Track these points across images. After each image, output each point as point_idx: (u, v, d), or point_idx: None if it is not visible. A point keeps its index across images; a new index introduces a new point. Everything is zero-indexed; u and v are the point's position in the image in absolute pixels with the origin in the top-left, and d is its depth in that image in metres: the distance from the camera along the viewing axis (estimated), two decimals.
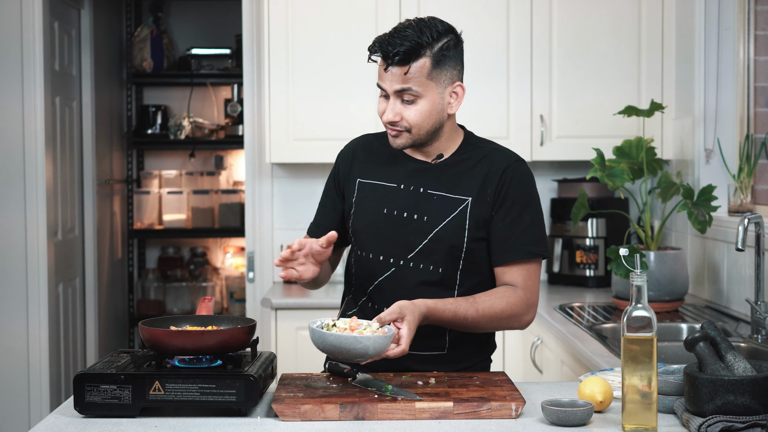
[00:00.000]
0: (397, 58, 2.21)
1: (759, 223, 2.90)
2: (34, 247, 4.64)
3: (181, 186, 6.29)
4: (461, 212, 2.30)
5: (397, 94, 2.25)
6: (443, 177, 2.33)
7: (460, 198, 2.31)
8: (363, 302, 2.37)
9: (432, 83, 2.24)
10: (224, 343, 2.04)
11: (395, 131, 2.29)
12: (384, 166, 2.38)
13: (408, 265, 2.31)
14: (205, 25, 6.42)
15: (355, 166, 2.42)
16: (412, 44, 2.21)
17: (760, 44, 3.61)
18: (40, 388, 4.67)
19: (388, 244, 2.32)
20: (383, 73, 2.26)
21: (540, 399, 2.08)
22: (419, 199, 2.32)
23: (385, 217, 2.33)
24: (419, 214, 2.31)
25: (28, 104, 4.61)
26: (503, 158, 2.34)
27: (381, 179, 2.37)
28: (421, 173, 2.34)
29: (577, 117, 4.17)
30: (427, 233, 2.30)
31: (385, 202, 2.34)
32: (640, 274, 1.88)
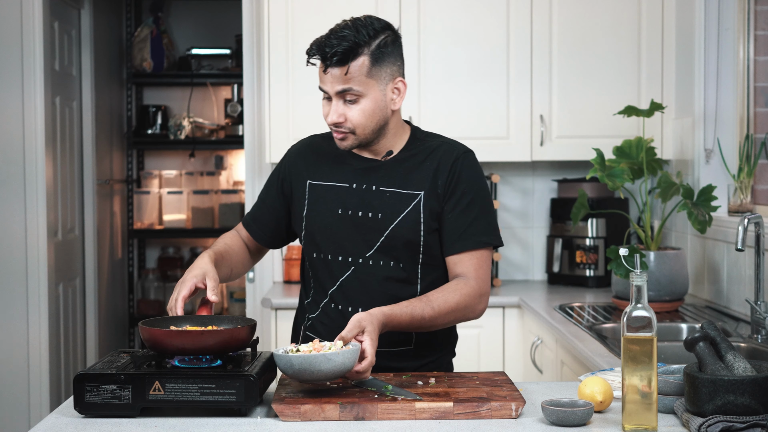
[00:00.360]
0: (336, 58, 2.21)
1: (759, 223, 2.90)
2: (34, 247, 4.64)
3: (181, 186, 6.29)
4: (415, 207, 2.32)
5: (339, 95, 2.25)
6: (394, 173, 2.34)
7: (413, 193, 2.33)
8: (325, 304, 2.37)
9: (373, 81, 2.25)
10: (224, 343, 2.04)
11: (341, 133, 2.29)
12: (333, 167, 2.38)
13: (368, 262, 2.32)
14: (205, 25, 6.42)
15: (304, 168, 2.41)
16: (349, 44, 2.22)
17: (760, 44, 3.61)
18: (40, 388, 4.67)
19: (346, 243, 2.33)
20: (323, 75, 2.25)
21: (540, 399, 2.08)
22: (372, 196, 2.33)
23: (340, 217, 2.34)
24: (373, 212, 2.32)
25: (28, 104, 4.61)
26: (452, 150, 2.36)
27: (332, 180, 2.37)
28: (372, 171, 2.35)
29: (577, 117, 4.17)
30: (384, 230, 2.31)
31: (338, 202, 2.34)
32: (640, 274, 1.88)
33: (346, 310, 2.33)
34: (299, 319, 2.47)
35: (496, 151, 4.18)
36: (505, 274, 4.52)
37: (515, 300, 3.92)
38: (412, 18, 4.14)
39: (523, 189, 4.54)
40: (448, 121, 4.15)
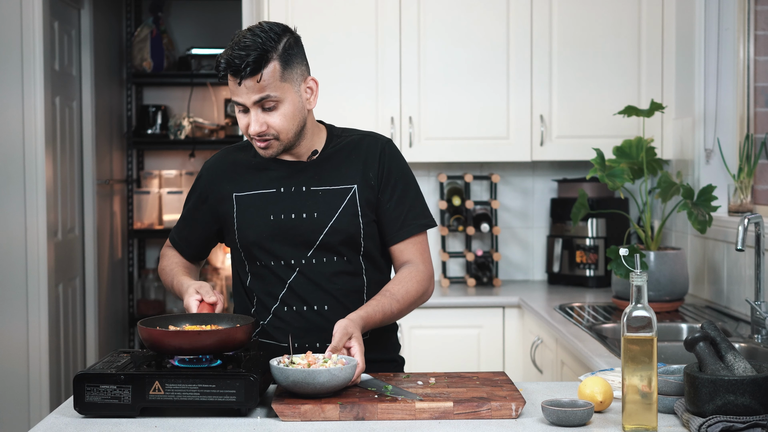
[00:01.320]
0: (248, 69, 2.20)
1: (759, 223, 2.90)
2: (34, 247, 4.64)
3: (181, 186, 6.30)
4: (350, 200, 2.34)
5: (256, 104, 2.25)
6: (322, 171, 2.36)
7: (346, 187, 2.35)
8: (276, 308, 2.37)
9: (287, 85, 2.26)
10: (221, 343, 2.04)
11: (264, 142, 2.28)
12: (257, 175, 2.38)
13: (311, 261, 2.34)
14: (205, 25, 6.42)
15: (225, 182, 2.40)
16: (258, 52, 2.21)
17: (760, 44, 3.61)
18: (40, 388, 4.67)
19: (285, 248, 2.33)
20: (237, 88, 2.23)
21: (540, 399, 2.09)
22: (304, 197, 2.34)
23: (274, 223, 2.34)
24: (308, 212, 2.33)
25: (28, 104, 4.61)
26: (376, 142, 2.41)
27: (258, 188, 2.37)
28: (299, 173, 2.36)
29: (577, 117, 4.17)
30: (322, 228, 2.33)
31: (269, 209, 2.34)
32: (640, 274, 1.88)
33: (302, 309, 2.34)
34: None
35: (496, 151, 4.18)
36: (505, 274, 4.52)
37: (515, 300, 3.92)
38: (412, 18, 4.14)
39: (523, 189, 4.54)
40: (448, 121, 4.16)
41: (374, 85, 4.15)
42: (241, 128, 2.30)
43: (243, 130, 2.30)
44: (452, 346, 3.89)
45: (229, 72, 2.22)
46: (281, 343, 2.34)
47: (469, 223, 4.33)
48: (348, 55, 4.17)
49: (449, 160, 4.23)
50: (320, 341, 2.33)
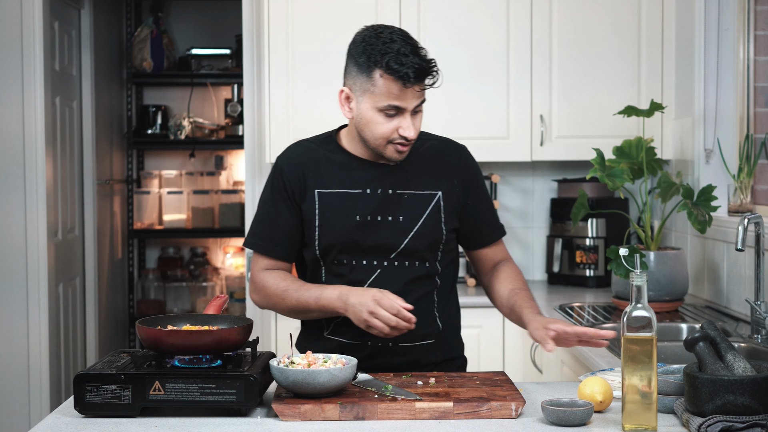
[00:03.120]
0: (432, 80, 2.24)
1: (759, 223, 2.90)
2: (34, 247, 4.64)
3: (181, 186, 6.30)
4: (435, 206, 2.36)
5: (414, 109, 2.26)
6: (407, 175, 2.36)
7: (431, 193, 2.37)
8: None
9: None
10: (218, 343, 2.05)
11: (407, 146, 2.29)
12: (340, 173, 2.36)
13: (393, 264, 2.34)
14: (205, 25, 6.42)
15: (308, 175, 2.37)
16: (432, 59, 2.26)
17: (760, 44, 3.61)
18: (40, 388, 4.67)
19: (369, 248, 2.33)
20: (404, 92, 2.22)
21: (540, 399, 2.09)
22: (390, 200, 2.34)
23: (360, 223, 2.33)
24: (394, 216, 2.34)
25: (28, 104, 4.61)
26: (457, 148, 2.45)
27: (342, 187, 2.35)
28: (385, 176, 2.36)
29: (577, 117, 4.17)
30: (407, 232, 2.33)
31: (354, 209, 2.33)
32: (640, 274, 1.89)
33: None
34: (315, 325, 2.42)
35: (496, 151, 4.18)
36: None
37: None
38: (412, 18, 4.14)
39: (523, 189, 4.54)
40: (448, 121, 4.15)
41: None
42: (380, 133, 2.26)
43: (384, 135, 2.25)
44: None
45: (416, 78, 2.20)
46: (352, 341, 2.34)
47: None
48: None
49: None
50: (392, 340, 2.33)
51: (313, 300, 2.29)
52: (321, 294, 2.29)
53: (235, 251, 6.40)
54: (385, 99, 2.23)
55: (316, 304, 2.29)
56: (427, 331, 2.37)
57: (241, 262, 6.33)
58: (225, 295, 2.36)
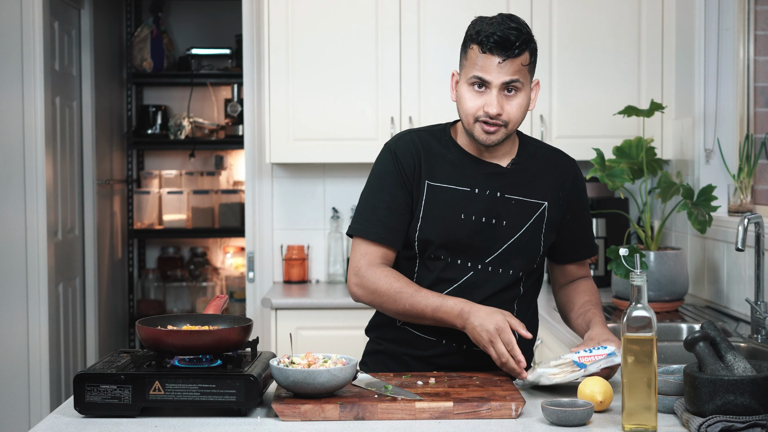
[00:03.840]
0: (518, 50, 2.19)
1: (759, 223, 2.90)
2: (34, 247, 4.64)
3: (181, 186, 6.29)
4: (539, 216, 2.32)
5: (503, 86, 2.22)
6: (518, 181, 2.32)
7: (538, 202, 2.33)
8: None
9: (528, 76, 2.26)
10: (217, 343, 2.05)
11: (495, 126, 2.24)
12: (452, 169, 2.32)
13: (486, 269, 2.31)
14: (205, 25, 6.42)
15: (420, 167, 2.31)
16: (527, 36, 2.21)
17: (760, 44, 3.61)
18: (40, 388, 4.67)
19: (468, 248, 2.30)
20: (489, 64, 2.20)
21: (540, 399, 2.09)
22: (498, 203, 2.30)
23: (464, 222, 2.29)
24: (498, 219, 2.30)
25: (28, 104, 4.61)
26: (568, 162, 2.41)
27: (451, 182, 2.31)
28: (497, 177, 2.32)
29: (577, 117, 4.17)
30: (507, 238, 2.30)
31: (461, 206, 2.29)
32: (640, 274, 1.88)
33: None
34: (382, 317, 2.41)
35: None
36: None
37: None
38: (412, 18, 4.14)
39: None
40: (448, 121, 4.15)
41: (374, 85, 4.15)
42: (468, 108, 2.23)
43: (471, 111, 2.23)
44: None
45: (494, 46, 2.18)
46: (427, 336, 2.33)
47: None
48: (348, 55, 4.17)
49: None
50: (467, 344, 2.31)
51: (430, 309, 2.23)
52: (441, 306, 2.23)
53: (234, 251, 6.40)
54: (471, 70, 2.23)
55: (433, 314, 2.23)
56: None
57: (240, 262, 6.33)
58: (225, 295, 2.36)
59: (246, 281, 4.58)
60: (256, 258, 4.55)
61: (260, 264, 4.54)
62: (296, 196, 4.52)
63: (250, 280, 4.55)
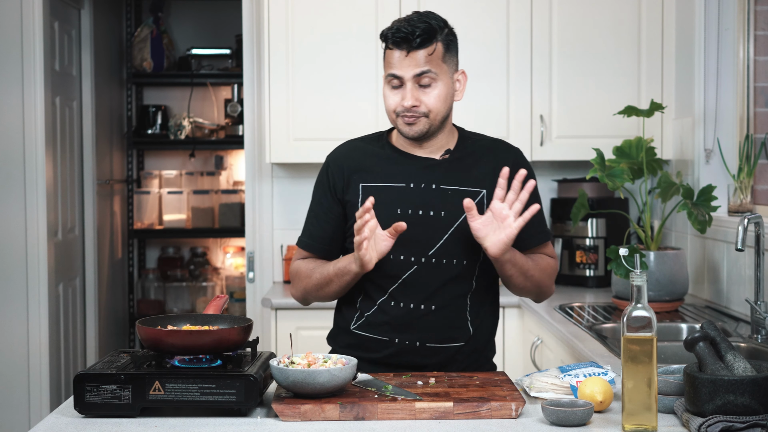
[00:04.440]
0: (419, 39, 2.24)
1: (759, 223, 2.90)
2: (34, 247, 4.64)
3: (181, 186, 6.30)
4: (478, 204, 2.33)
5: (415, 78, 2.27)
6: (453, 172, 2.36)
7: (475, 190, 2.35)
8: (383, 301, 2.36)
9: (445, 66, 2.30)
10: (217, 343, 2.05)
11: (413, 118, 2.29)
12: (386, 168, 2.37)
13: (430, 261, 2.33)
14: (205, 25, 6.42)
15: (353, 171, 2.39)
16: (429, 26, 2.26)
17: (760, 44, 3.61)
18: (40, 388, 4.67)
19: (408, 243, 2.31)
20: (399, 60, 2.27)
21: (540, 399, 2.09)
22: (433, 195, 2.33)
23: (401, 216, 2.32)
24: (435, 211, 2.33)
25: (28, 104, 4.61)
26: (509, 149, 2.43)
27: (386, 181, 2.36)
28: (430, 170, 2.36)
29: (577, 117, 4.17)
30: (447, 228, 2.32)
31: (397, 202, 2.33)
32: (640, 274, 1.89)
33: (409, 306, 2.34)
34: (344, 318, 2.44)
35: None
36: None
37: (515, 300, 3.92)
38: None
39: None
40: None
41: (374, 85, 4.15)
42: (388, 105, 2.31)
43: (391, 107, 2.30)
44: None
45: (397, 41, 2.25)
46: (380, 337, 2.35)
47: None
48: (348, 55, 4.17)
49: None
50: (420, 340, 2.34)
51: (332, 267, 2.34)
52: (339, 259, 2.34)
53: (234, 251, 6.40)
54: (386, 69, 2.31)
55: (335, 268, 2.33)
56: (457, 334, 2.36)
57: (240, 262, 6.33)
58: (225, 295, 2.36)
59: (246, 281, 4.58)
60: (256, 258, 4.55)
61: (260, 264, 4.54)
62: (296, 196, 4.52)
63: (250, 280, 4.55)
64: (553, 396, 2.08)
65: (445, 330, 2.32)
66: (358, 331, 2.39)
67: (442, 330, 2.32)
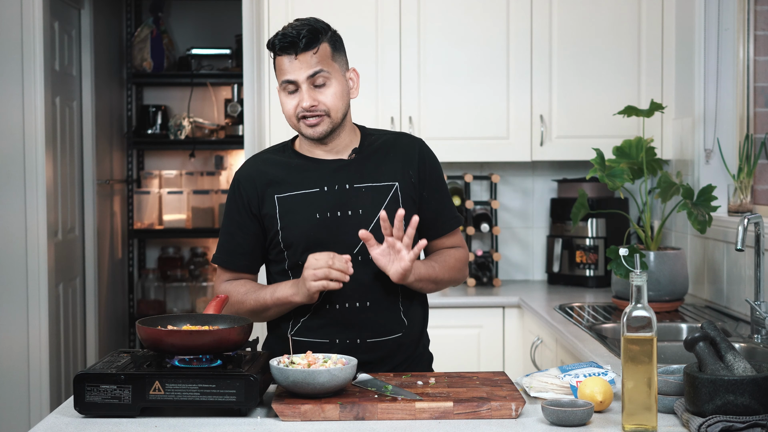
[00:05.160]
0: (305, 41, 2.29)
1: (759, 223, 2.90)
2: (34, 247, 4.64)
3: (181, 186, 6.30)
4: (393, 197, 2.38)
5: (309, 80, 2.31)
6: (363, 169, 2.40)
7: (388, 184, 2.39)
8: (317, 305, 2.37)
9: (336, 65, 2.36)
10: (217, 343, 2.05)
11: (315, 118, 2.33)
12: (297, 176, 2.39)
13: (357, 259, 2.35)
14: (205, 25, 6.42)
15: (265, 184, 2.40)
16: (312, 28, 2.32)
17: (760, 44, 3.61)
18: (40, 388, 4.67)
19: (330, 246, 2.33)
20: (289, 65, 2.31)
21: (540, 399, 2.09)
22: (348, 195, 2.36)
23: (320, 221, 2.35)
24: (353, 210, 2.36)
25: (28, 104, 4.61)
26: (412, 141, 2.48)
27: (299, 188, 2.38)
28: (340, 171, 2.39)
29: (577, 117, 4.17)
30: (367, 225, 2.35)
31: (314, 207, 2.35)
32: (640, 274, 1.89)
33: (344, 306, 2.35)
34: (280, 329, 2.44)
35: (496, 151, 4.18)
36: (505, 274, 4.52)
37: (515, 300, 3.92)
38: (412, 18, 4.14)
39: (523, 189, 4.54)
40: (448, 121, 4.16)
41: (374, 84, 4.15)
42: (288, 111, 2.34)
43: (290, 112, 2.33)
44: (452, 346, 3.89)
45: (284, 46, 2.30)
46: (321, 340, 2.36)
47: (469, 223, 4.33)
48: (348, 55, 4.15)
49: (449, 160, 4.23)
50: (360, 337, 2.36)
51: (269, 295, 2.35)
52: (276, 288, 2.35)
53: None
54: (279, 76, 2.34)
55: (272, 297, 2.35)
56: (393, 327, 2.39)
57: None
58: (225, 295, 2.36)
59: None
60: None
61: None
62: None
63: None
64: (553, 396, 2.08)
65: (381, 324, 2.36)
66: (297, 338, 2.38)
67: (379, 324, 2.36)
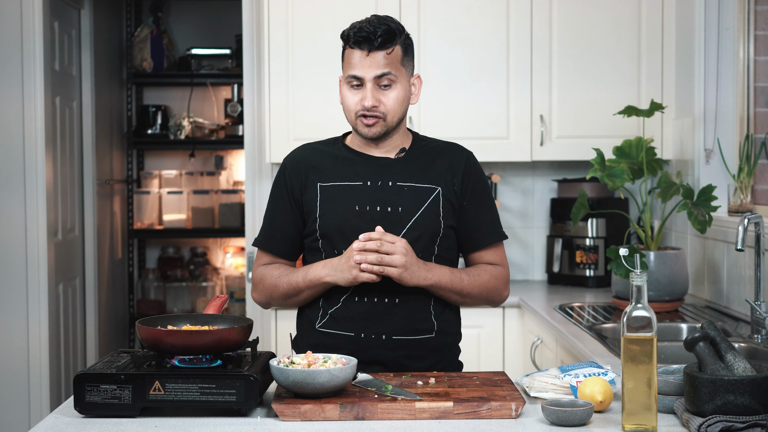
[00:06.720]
0: (380, 39, 2.29)
1: (759, 223, 2.90)
2: (34, 247, 4.64)
3: (181, 186, 6.30)
4: (434, 200, 2.38)
5: (375, 80, 2.32)
6: (408, 169, 2.41)
7: (431, 187, 2.39)
8: (347, 298, 2.38)
9: (403, 69, 2.36)
10: (217, 343, 2.05)
11: (373, 119, 2.34)
12: (343, 168, 2.41)
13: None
14: (205, 25, 6.42)
15: (310, 172, 2.43)
16: (390, 27, 2.31)
17: (760, 44, 3.61)
18: (40, 388, 4.67)
19: None
20: (359, 60, 2.31)
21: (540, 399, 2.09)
22: (389, 192, 2.37)
23: (358, 213, 2.36)
24: (393, 207, 2.37)
25: (28, 104, 4.61)
26: (461, 152, 2.48)
27: (343, 180, 2.40)
28: (386, 168, 2.40)
29: (577, 117, 4.17)
30: (405, 223, 2.36)
31: (354, 200, 2.37)
32: (640, 274, 1.89)
33: (373, 300, 2.36)
34: (308, 319, 2.45)
35: (496, 151, 4.18)
36: None
37: (515, 300, 3.92)
38: (412, 18, 4.14)
39: (523, 189, 4.54)
40: (448, 121, 4.16)
41: None
42: (348, 105, 2.36)
43: (350, 108, 2.35)
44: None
45: (359, 40, 2.30)
46: (347, 333, 2.36)
47: None
48: None
49: None
50: (386, 333, 2.35)
51: (301, 278, 2.37)
52: (308, 270, 2.36)
53: (235, 251, 6.40)
54: (346, 70, 2.35)
55: (304, 279, 2.36)
56: (422, 326, 2.38)
57: (241, 262, 6.33)
58: (225, 295, 2.37)
59: (246, 281, 4.58)
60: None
61: None
62: None
63: (249, 280, 4.55)
64: (553, 396, 2.08)
65: (409, 322, 2.35)
66: (323, 329, 2.40)
67: (407, 322, 2.35)
